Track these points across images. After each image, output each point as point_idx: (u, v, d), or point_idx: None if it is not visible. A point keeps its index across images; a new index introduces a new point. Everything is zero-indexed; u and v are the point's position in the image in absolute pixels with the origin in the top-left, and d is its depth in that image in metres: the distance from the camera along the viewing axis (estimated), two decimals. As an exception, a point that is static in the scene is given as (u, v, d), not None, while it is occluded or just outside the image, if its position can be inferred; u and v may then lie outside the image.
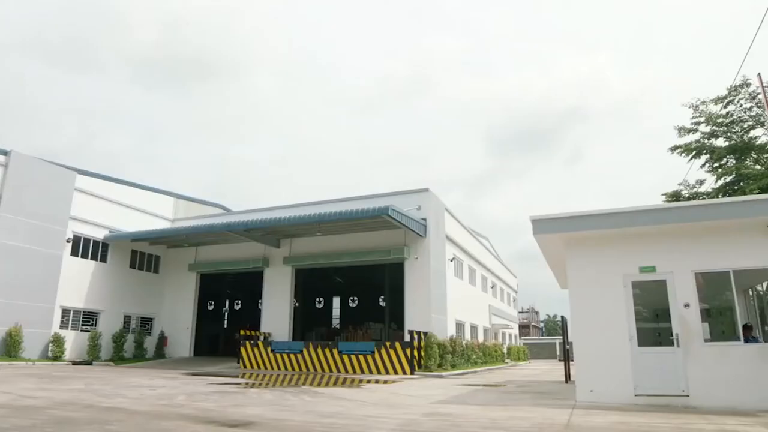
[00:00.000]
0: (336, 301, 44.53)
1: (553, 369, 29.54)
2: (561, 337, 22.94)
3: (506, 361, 37.38)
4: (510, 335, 47.07)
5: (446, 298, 26.74)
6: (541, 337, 75.49)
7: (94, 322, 27.38)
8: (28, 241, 24.08)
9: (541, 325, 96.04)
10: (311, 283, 33.06)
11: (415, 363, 20.98)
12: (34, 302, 24.09)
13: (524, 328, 72.67)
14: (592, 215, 10.93)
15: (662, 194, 24.41)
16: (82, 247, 27.15)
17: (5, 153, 24.04)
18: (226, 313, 42.93)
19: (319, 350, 22.41)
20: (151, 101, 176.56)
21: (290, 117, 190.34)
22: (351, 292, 41.86)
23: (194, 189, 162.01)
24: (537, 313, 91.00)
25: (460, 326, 29.56)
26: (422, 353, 21.82)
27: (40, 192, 24.82)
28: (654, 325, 10.59)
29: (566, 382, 16.95)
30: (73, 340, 25.86)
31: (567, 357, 18.11)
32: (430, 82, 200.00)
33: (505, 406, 10.25)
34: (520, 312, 64.13)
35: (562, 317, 18.94)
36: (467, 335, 30.69)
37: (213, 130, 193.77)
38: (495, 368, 29.33)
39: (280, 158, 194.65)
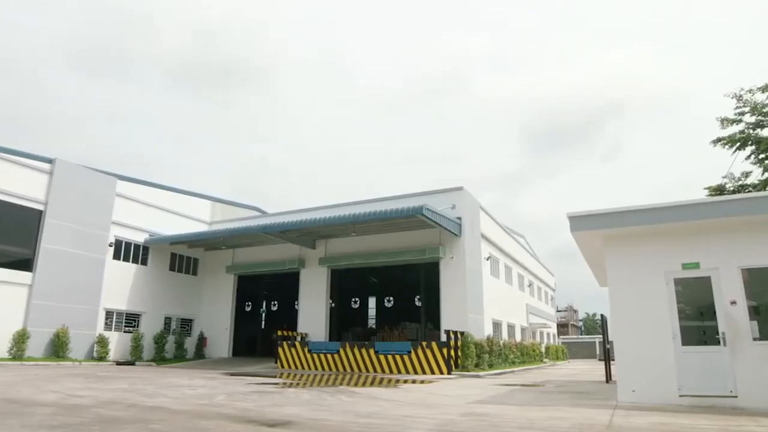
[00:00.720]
0: (372, 301, 44.63)
1: (593, 368, 28.98)
2: (601, 336, 22.46)
3: (544, 360, 36.85)
4: (548, 334, 46.39)
5: (482, 298, 26.52)
6: (580, 336, 74.14)
7: (136, 324, 28.10)
8: (72, 246, 24.87)
9: (580, 323, 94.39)
10: (347, 284, 33.21)
11: (452, 363, 20.86)
12: (79, 304, 24.86)
13: (562, 327, 71.56)
14: (631, 211, 10.64)
15: (705, 188, 23.63)
16: (123, 250, 27.89)
17: (50, 161, 24.87)
18: (264, 314, 43.47)
19: (356, 350, 22.48)
20: (180, 106, 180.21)
21: (316, 119, 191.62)
22: (386, 292, 41.91)
23: (222, 191, 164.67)
24: (575, 311, 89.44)
25: (497, 325, 29.28)
26: (459, 353, 21.67)
27: (83, 198, 25.60)
28: (698, 323, 10.26)
29: (607, 382, 16.61)
30: (117, 341, 26.59)
31: (607, 356, 17.74)
32: (459, 82, 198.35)
33: (544, 406, 10.09)
34: (558, 311, 63.20)
35: (602, 316, 18.56)
36: (504, 335, 30.38)
37: (240, 133, 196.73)
38: (533, 368, 28.94)
39: (307, 160, 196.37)
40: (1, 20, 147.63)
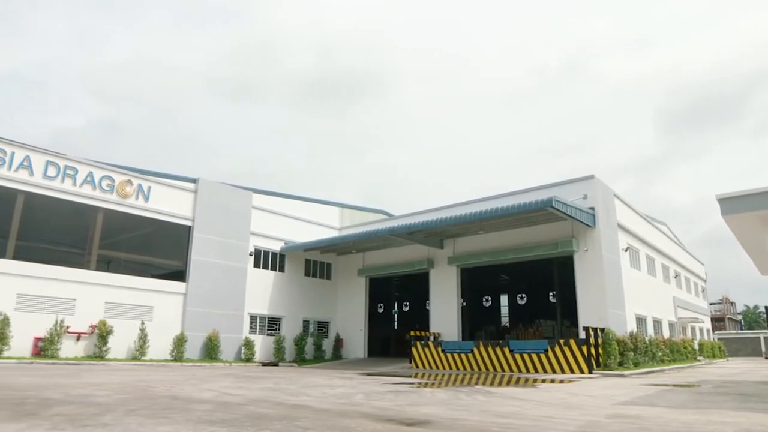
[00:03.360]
0: (504, 299, 43.76)
1: (758, 367, 26.15)
2: (766, 330, 20.16)
3: (698, 358, 33.86)
4: (701, 329, 42.57)
5: (623, 291, 24.93)
6: (739, 332, 67.18)
7: (277, 327, 29.82)
8: (218, 257, 26.99)
9: (739, 317, 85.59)
10: (477, 282, 32.84)
11: (593, 361, 19.81)
12: (227, 310, 26.90)
13: (718, 322, 65.35)
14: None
15: None
16: (262, 259, 29.75)
17: (194, 181, 27.23)
18: (396, 315, 44.18)
19: (490, 349, 22.11)
20: (307, 120, 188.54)
21: (436, 119, 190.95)
22: (518, 289, 40.90)
23: (350, 197, 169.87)
24: (732, 304, 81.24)
25: (640, 321, 27.36)
26: (600, 351, 20.54)
27: (224, 212, 27.72)
28: None
29: (776, 381, 14.85)
30: (261, 344, 28.38)
31: (775, 353, 15.86)
32: (586, 67, 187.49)
33: (701, 408, 9.20)
34: (711, 303, 57.80)
35: (766, 308, 16.63)
36: (650, 330, 28.33)
37: (364, 140, 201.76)
38: (685, 366, 26.71)
39: (429, 161, 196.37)
40: (146, 60, 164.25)
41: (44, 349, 20.58)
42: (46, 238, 22.67)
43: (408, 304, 44.46)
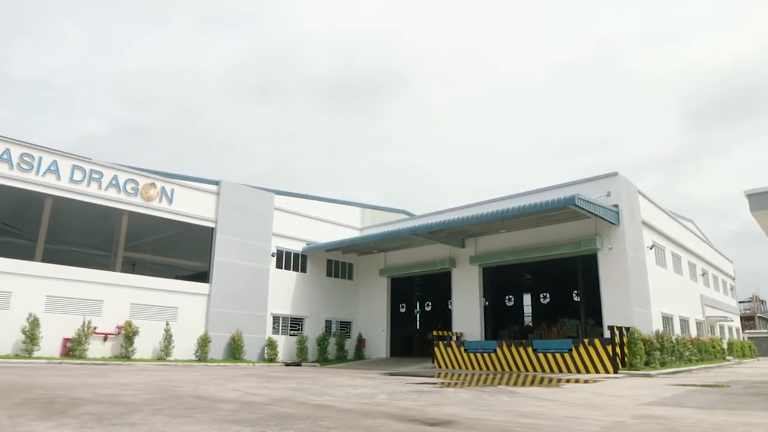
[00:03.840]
0: (527, 298, 43.42)
1: (790, 366, 25.51)
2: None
3: (727, 358, 33.18)
4: (730, 328, 41.73)
5: (648, 289, 24.56)
6: (770, 330, 65.77)
7: (300, 327, 29.99)
8: (240, 258, 27.25)
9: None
10: (500, 281, 32.63)
11: (618, 361, 19.55)
12: (250, 311, 27.14)
13: (748, 320, 64.09)
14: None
15: None
16: (284, 259, 29.97)
17: (216, 183, 27.53)
18: (418, 315, 44.05)
19: (513, 349, 21.95)
20: (329, 122, 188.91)
21: (459, 119, 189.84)
22: (542, 288, 40.53)
23: (372, 197, 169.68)
24: (763, 302, 79.53)
25: (667, 320, 26.93)
26: (625, 350, 20.25)
27: (246, 213, 27.98)
28: None
29: (809, 381, 14.49)
30: (284, 344, 28.59)
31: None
32: (608, 62, 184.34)
33: (731, 409, 9.01)
34: (740, 302, 56.65)
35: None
36: (677, 329, 27.85)
37: (386, 141, 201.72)
38: (714, 366, 26.19)
39: (453, 160, 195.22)
40: (169, 64, 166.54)
41: (72, 349, 21.01)
42: (73, 241, 23.13)
43: (430, 303, 44.29)
